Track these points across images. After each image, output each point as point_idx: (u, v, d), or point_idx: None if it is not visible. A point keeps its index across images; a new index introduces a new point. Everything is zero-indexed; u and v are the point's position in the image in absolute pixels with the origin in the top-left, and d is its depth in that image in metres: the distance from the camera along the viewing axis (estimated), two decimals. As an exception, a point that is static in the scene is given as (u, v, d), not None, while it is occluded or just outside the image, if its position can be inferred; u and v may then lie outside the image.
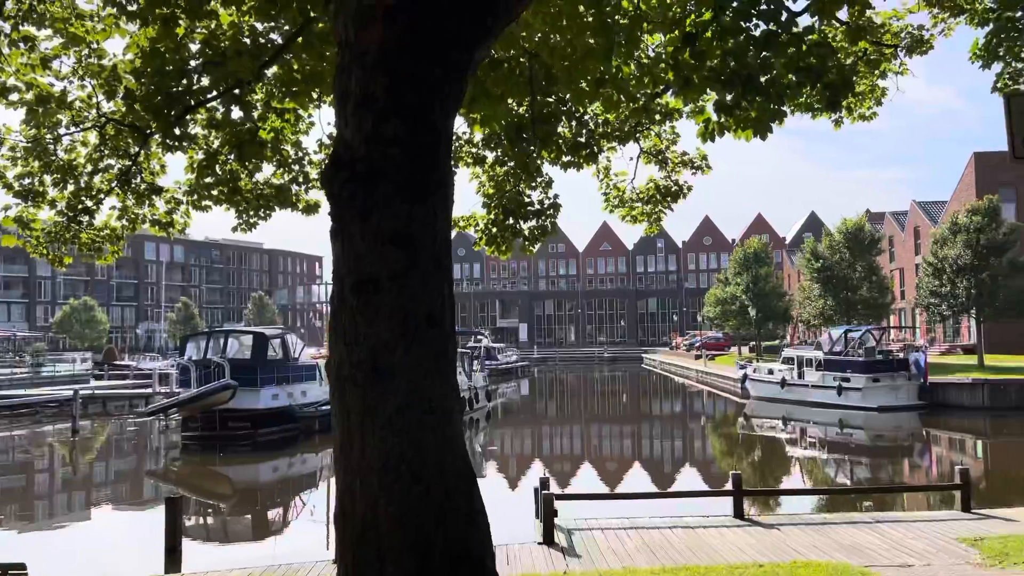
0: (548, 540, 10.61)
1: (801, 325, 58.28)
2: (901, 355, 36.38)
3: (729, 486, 12.10)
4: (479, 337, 64.66)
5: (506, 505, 15.88)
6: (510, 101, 8.06)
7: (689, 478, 22.14)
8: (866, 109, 10.94)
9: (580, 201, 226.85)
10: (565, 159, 9.30)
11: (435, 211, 4.05)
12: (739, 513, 11.91)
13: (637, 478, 21.79)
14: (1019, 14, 8.75)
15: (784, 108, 6.45)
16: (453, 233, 5.12)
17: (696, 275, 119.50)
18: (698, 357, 64.98)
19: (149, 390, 39.07)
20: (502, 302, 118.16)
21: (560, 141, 9.18)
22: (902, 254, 61.42)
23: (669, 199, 10.92)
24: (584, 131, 9.39)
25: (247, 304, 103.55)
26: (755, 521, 11.76)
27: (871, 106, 11.02)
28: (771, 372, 39.71)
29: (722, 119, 6.64)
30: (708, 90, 6.48)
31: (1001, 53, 9.27)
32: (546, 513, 10.70)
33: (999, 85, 9.65)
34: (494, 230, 9.52)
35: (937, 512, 12.58)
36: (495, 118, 6.97)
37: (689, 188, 10.86)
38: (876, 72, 10.21)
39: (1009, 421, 31.44)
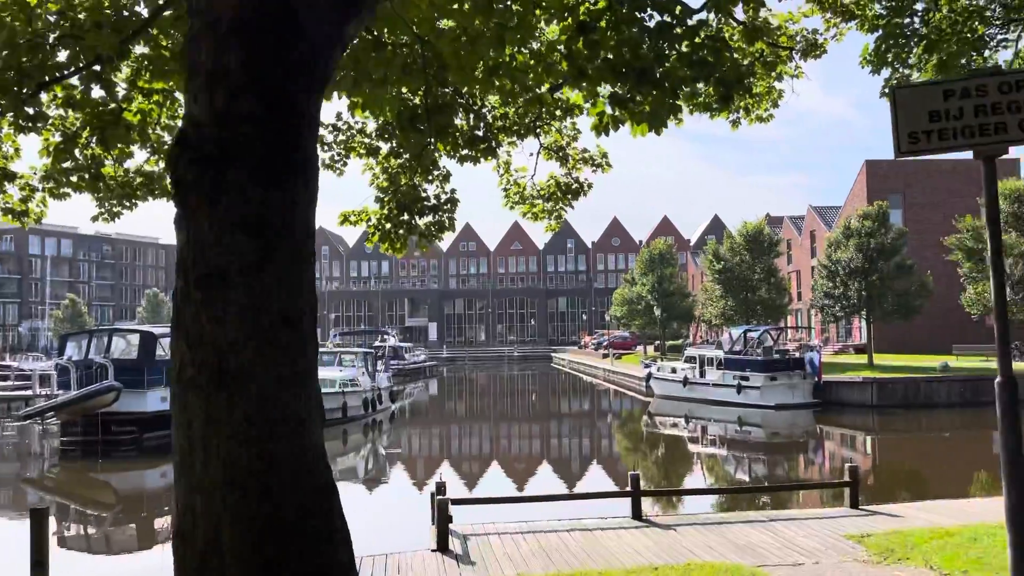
0: (442, 547, 10.27)
1: (704, 325, 59.71)
2: (797, 354, 37.62)
3: (631, 487, 12.04)
4: (385, 336, 63.75)
5: (404, 510, 15.51)
6: (404, 90, 7.70)
7: (592, 478, 22.18)
8: (763, 111, 11.02)
9: (492, 200, 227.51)
10: (462, 152, 8.97)
11: (295, 198, 3.64)
12: (637, 514, 11.84)
13: (541, 479, 21.68)
14: (907, 20, 8.92)
15: (679, 103, 6.33)
16: (357, 231, 4.72)
17: (605, 275, 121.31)
18: (605, 356, 65.83)
19: (29, 392, 36.75)
20: (411, 301, 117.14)
21: (457, 133, 8.86)
22: (799, 257, 63.74)
23: (570, 196, 10.75)
24: (481, 124, 9.08)
25: (141, 301, 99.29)
26: (653, 522, 11.71)
27: (768, 108, 11.10)
28: (674, 371, 40.47)
29: (617, 112, 6.47)
30: (603, 83, 6.30)
31: (889, 59, 9.46)
32: (440, 519, 10.36)
33: (887, 90, 9.86)
34: (388, 225, 9.11)
35: (828, 509, 12.85)
36: (376, 103, 6.59)
37: (590, 186, 10.71)
38: (772, 74, 10.26)
39: (895, 418, 32.90)
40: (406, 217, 9.15)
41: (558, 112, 9.66)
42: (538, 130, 10.25)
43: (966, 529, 10.29)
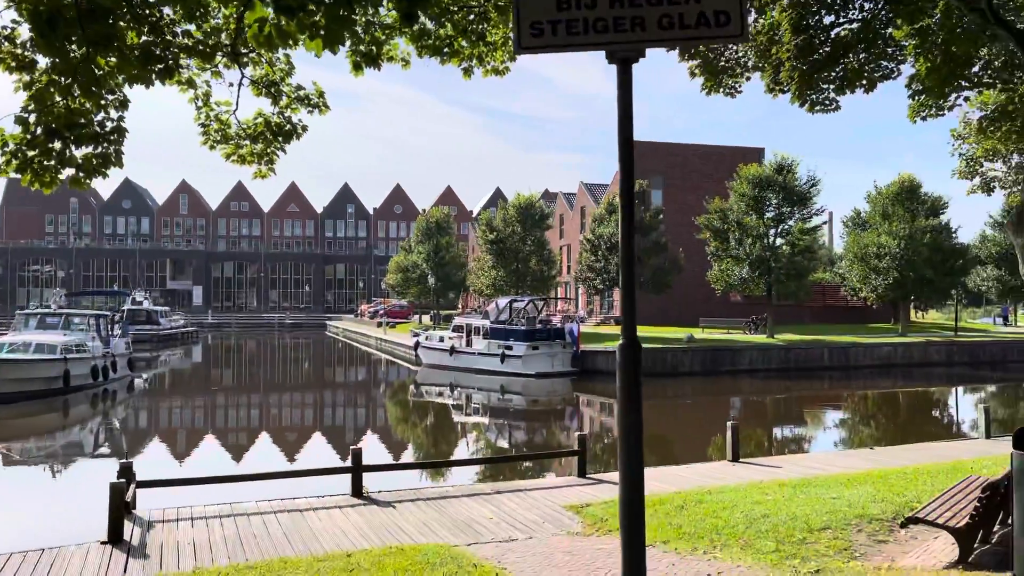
0: (115, 538, 8.80)
1: (476, 295, 60.25)
2: (559, 325, 38.63)
3: (351, 462, 11.12)
4: (139, 299, 58.48)
5: (99, 495, 13.57)
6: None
7: (333, 452, 21.09)
8: (499, 62, 10.40)
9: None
10: (133, 72, 7.47)
11: None
12: (357, 491, 10.98)
13: (272, 455, 20.18)
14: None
15: (355, 16, 5.38)
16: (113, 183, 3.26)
17: (387, 243, 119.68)
18: (380, 325, 64.65)
19: None
20: (174, 262, 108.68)
21: (124, 48, 7.33)
22: (571, 231, 65.96)
23: (281, 139, 9.50)
24: (159, 39, 7.62)
25: None
26: (374, 500, 10.90)
27: (504, 60, 10.48)
28: (442, 340, 40.20)
29: (282, 21, 5.40)
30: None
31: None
32: (114, 506, 8.86)
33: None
34: (31, 153, 7.40)
35: (557, 479, 12.73)
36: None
37: (304, 128, 9.52)
38: (508, 21, 9.60)
39: (645, 385, 34.17)
40: (58, 145, 7.48)
41: (263, 37, 8.38)
42: (245, 59, 8.94)
43: (679, 496, 10.40)
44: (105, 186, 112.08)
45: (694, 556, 7.49)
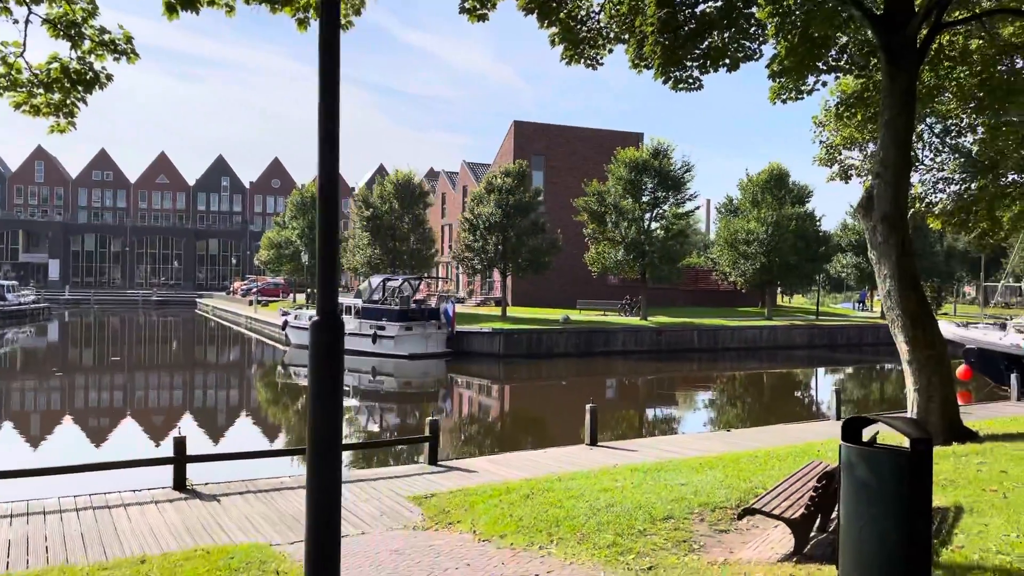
0: None
1: (351, 273, 58.65)
2: (433, 305, 37.87)
3: (174, 452, 10.06)
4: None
5: None
6: None
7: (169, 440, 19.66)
8: (343, 16, 9.54)
9: (138, 122, 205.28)
10: None
11: None
12: (180, 484, 9.96)
13: (108, 444, 18.68)
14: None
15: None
16: None
17: (263, 218, 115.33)
18: (251, 303, 62.06)
19: None
20: (28, 233, 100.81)
21: None
22: (453, 211, 65.13)
23: (82, 88, 8.35)
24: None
25: None
26: (198, 492, 9.91)
27: (348, 13, 9.62)
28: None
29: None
30: None
31: None
32: None
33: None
34: None
35: (408, 467, 11.99)
36: None
37: (109, 77, 8.39)
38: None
39: (520, 367, 34.50)
40: None
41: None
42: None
43: (528, 484, 9.93)
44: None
45: (528, 552, 6.98)
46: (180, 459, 10.01)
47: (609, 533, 7.25)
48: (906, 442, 4.58)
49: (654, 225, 43.27)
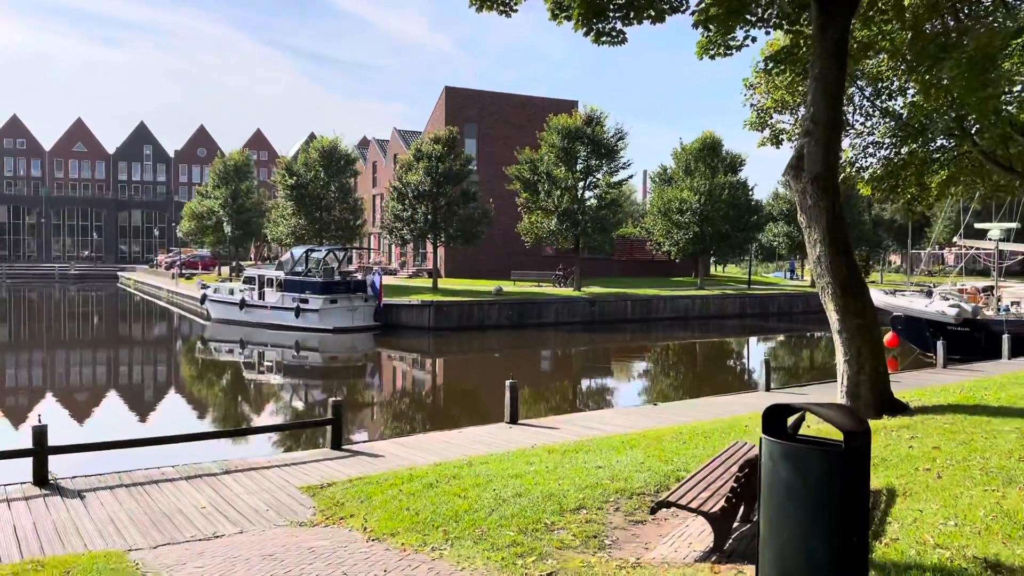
0: None
1: (273, 244, 56.69)
2: (359, 276, 36.62)
3: (33, 443, 8.90)
4: None
5: None
6: None
7: (62, 427, 18.29)
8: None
9: (47, 84, 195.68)
10: None
11: None
12: (41, 479, 8.85)
13: None
14: None
15: None
16: None
17: (189, 188, 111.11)
18: (174, 277, 59.64)
19: None
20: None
21: None
22: (384, 180, 63.38)
23: None
24: None
25: None
26: (63, 488, 8.80)
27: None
28: (232, 292, 37.06)
29: None
30: None
31: None
32: None
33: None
34: None
35: (307, 453, 10.98)
36: None
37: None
38: None
39: (451, 340, 33.59)
40: None
41: None
42: None
43: (435, 469, 9.10)
44: None
45: (419, 554, 6.13)
46: (41, 451, 8.86)
47: (512, 530, 6.45)
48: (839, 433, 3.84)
49: (588, 194, 42.62)
